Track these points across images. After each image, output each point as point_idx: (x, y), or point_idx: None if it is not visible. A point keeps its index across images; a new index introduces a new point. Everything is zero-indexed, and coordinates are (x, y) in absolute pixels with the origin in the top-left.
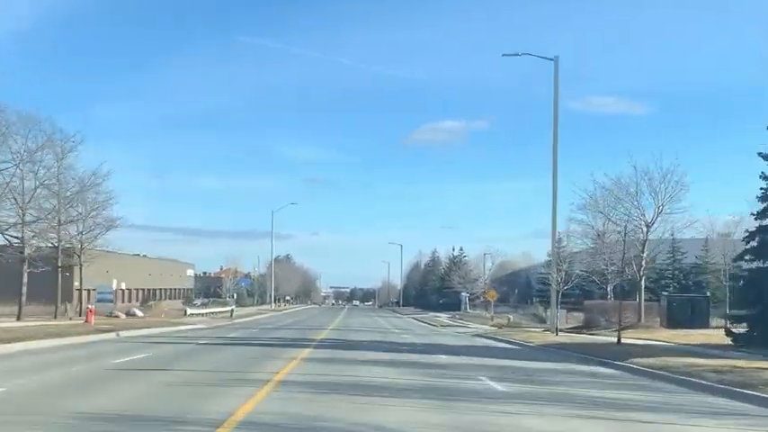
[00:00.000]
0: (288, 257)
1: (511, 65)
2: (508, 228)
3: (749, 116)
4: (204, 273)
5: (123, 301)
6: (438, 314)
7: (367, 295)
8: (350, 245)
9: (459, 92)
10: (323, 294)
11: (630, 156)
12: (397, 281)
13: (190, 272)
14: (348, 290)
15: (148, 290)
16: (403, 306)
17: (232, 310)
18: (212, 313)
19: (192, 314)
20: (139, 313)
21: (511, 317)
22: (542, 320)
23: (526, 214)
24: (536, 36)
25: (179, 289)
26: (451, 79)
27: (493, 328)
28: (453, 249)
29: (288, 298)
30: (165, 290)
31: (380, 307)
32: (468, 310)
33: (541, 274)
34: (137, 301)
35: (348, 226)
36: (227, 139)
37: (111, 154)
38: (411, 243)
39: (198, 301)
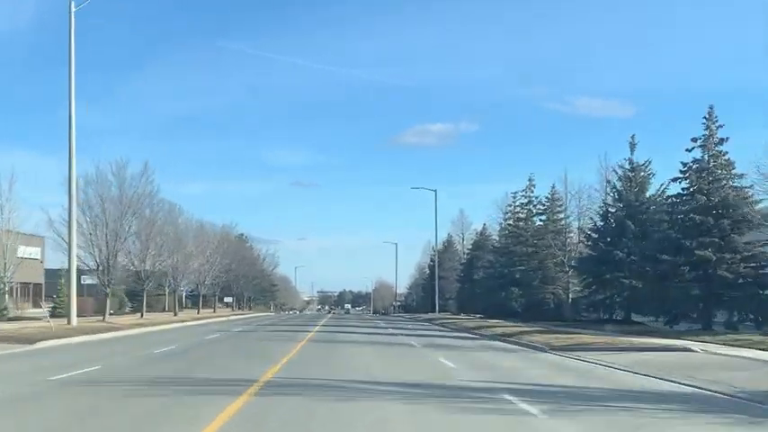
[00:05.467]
0: (242, 237)
1: (502, 69)
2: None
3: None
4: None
5: None
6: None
7: (358, 299)
8: (339, 249)
9: (446, 94)
10: (305, 299)
11: None
12: (399, 281)
13: (32, 252)
14: (336, 293)
15: None
16: (437, 312)
17: None
18: None
19: None
20: None
21: None
22: None
23: None
24: (524, 37)
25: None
26: (438, 82)
27: None
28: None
29: (227, 300)
30: None
31: (376, 314)
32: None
33: None
34: None
35: (335, 230)
36: (213, 144)
37: (95, 158)
38: (402, 245)
39: None
